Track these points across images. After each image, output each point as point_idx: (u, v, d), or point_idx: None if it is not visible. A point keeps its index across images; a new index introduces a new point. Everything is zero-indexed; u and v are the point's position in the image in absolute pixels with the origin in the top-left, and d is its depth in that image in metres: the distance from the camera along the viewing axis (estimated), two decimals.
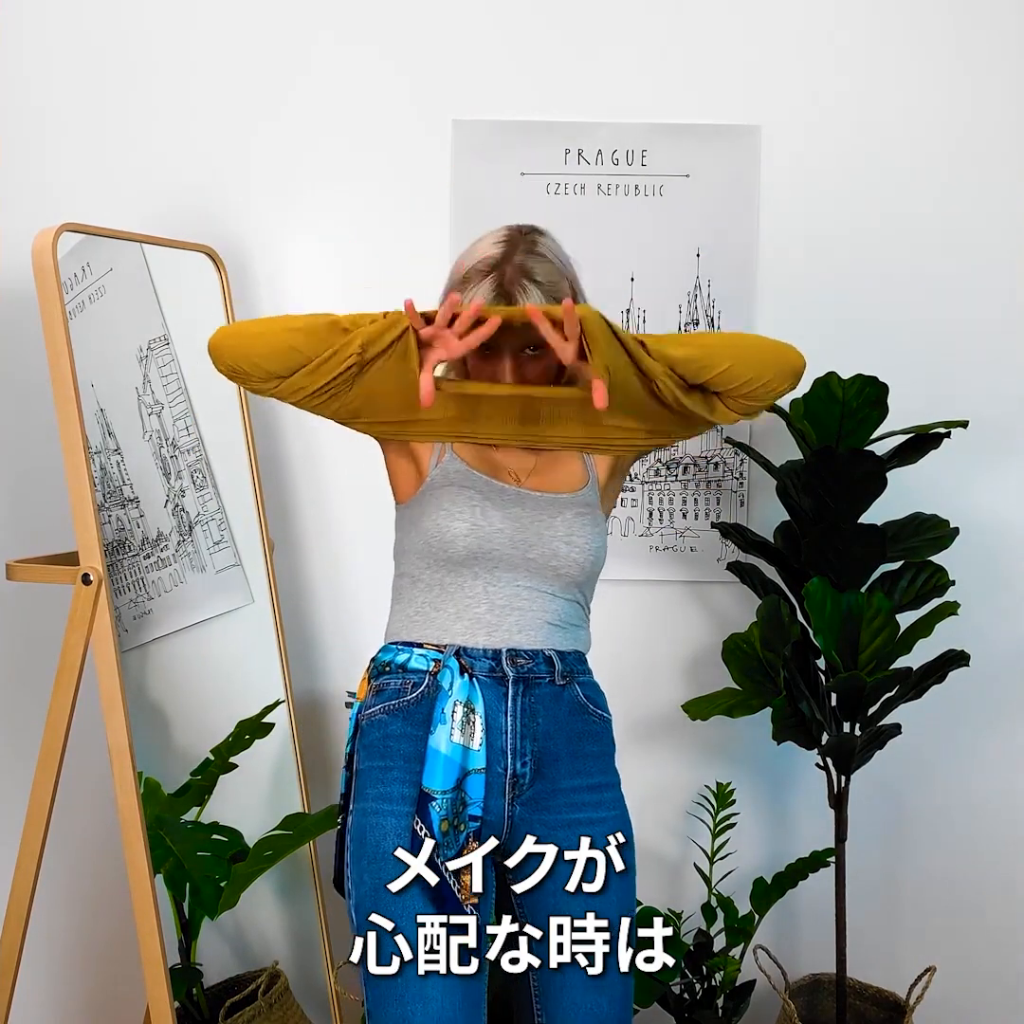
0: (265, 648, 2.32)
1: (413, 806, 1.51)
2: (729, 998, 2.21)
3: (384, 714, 1.57)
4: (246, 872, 2.06)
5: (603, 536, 1.64)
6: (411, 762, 1.53)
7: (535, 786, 1.56)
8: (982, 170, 2.32)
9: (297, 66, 2.33)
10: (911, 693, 2.08)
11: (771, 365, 1.55)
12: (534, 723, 1.56)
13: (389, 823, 1.52)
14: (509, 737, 1.54)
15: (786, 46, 2.31)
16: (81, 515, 1.86)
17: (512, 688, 1.55)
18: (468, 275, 1.55)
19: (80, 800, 2.25)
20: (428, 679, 1.55)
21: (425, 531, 1.58)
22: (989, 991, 2.46)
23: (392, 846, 1.50)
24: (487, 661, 1.55)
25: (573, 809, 1.57)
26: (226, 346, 1.52)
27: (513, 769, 1.54)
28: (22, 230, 1.98)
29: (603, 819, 1.58)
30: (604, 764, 1.62)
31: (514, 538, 1.57)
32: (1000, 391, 2.35)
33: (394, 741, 1.55)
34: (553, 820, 1.56)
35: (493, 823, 1.54)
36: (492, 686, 1.54)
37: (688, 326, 2.36)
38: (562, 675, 1.58)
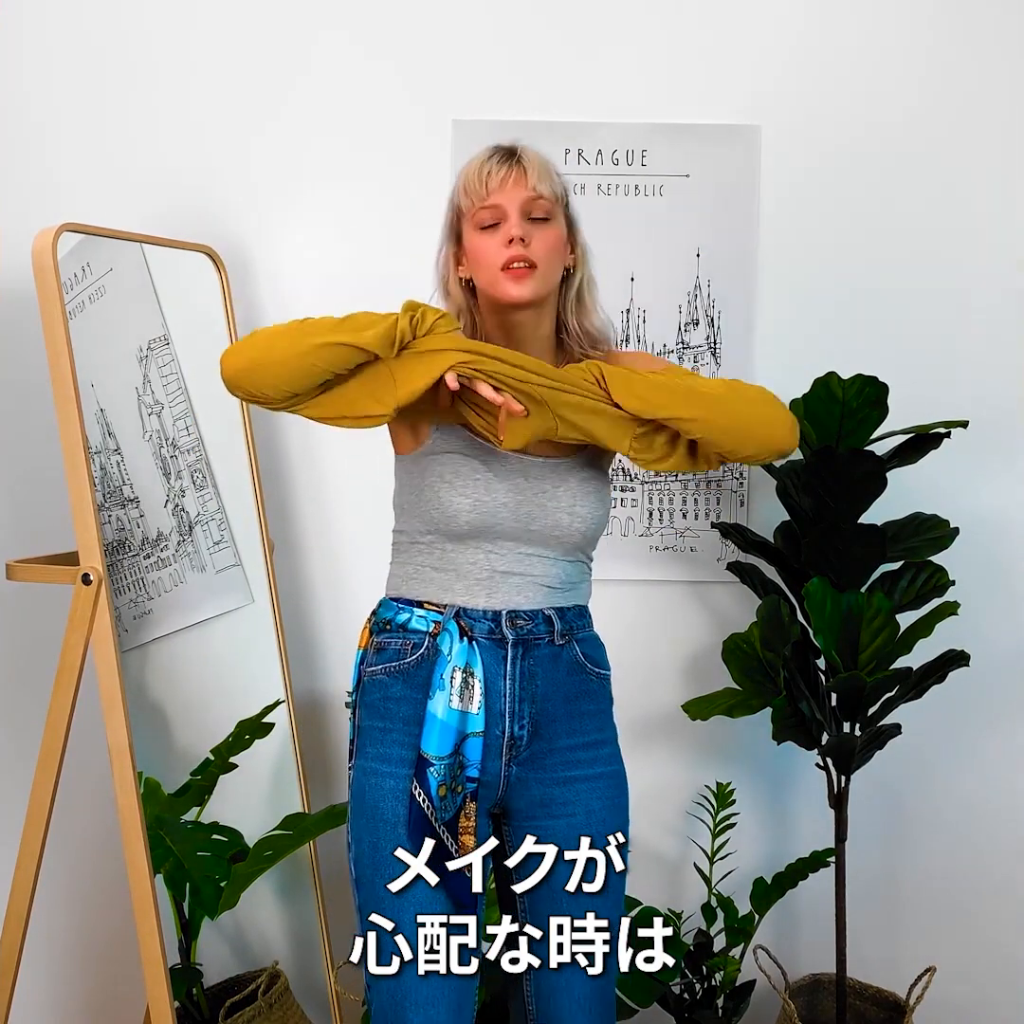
0: (265, 648, 2.32)
1: (411, 768, 1.53)
2: (729, 998, 2.21)
3: (385, 675, 1.58)
4: (246, 872, 2.06)
5: (606, 501, 1.64)
6: (410, 724, 1.55)
7: (532, 746, 1.58)
8: (982, 170, 2.32)
9: (297, 66, 2.33)
10: (911, 693, 2.08)
11: (755, 440, 1.56)
12: (532, 685, 1.57)
13: (387, 784, 1.55)
14: (508, 700, 1.56)
15: (786, 46, 2.31)
16: (81, 515, 1.86)
17: (511, 651, 1.56)
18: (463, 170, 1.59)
19: (80, 800, 2.25)
20: (428, 641, 1.56)
21: (426, 501, 1.57)
22: (989, 991, 2.46)
23: (390, 808, 1.54)
24: (487, 623, 1.56)
25: (569, 767, 1.60)
26: (242, 379, 1.48)
27: (511, 732, 1.56)
28: (22, 230, 1.98)
29: (599, 775, 1.62)
30: (600, 721, 1.64)
31: (517, 512, 1.56)
32: (999, 391, 2.35)
33: (394, 703, 1.57)
34: (549, 778, 1.59)
35: (490, 783, 1.57)
36: (491, 648, 1.55)
37: (688, 326, 2.36)
38: (561, 634, 1.59)
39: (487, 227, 1.55)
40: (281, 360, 1.45)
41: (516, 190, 1.54)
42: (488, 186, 1.54)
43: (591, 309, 1.66)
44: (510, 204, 1.54)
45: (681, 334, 2.36)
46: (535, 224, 1.55)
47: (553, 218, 1.57)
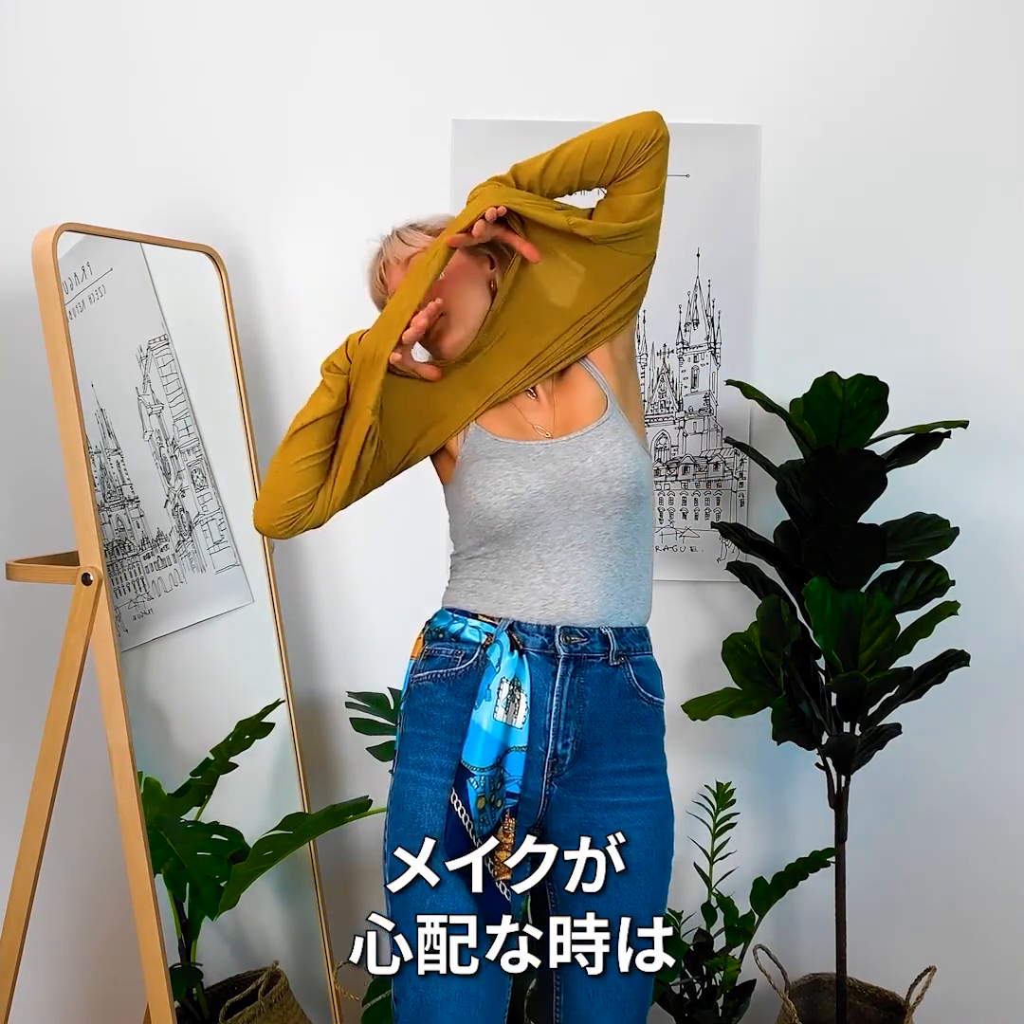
0: (265, 648, 2.32)
1: (451, 778, 1.52)
2: (729, 998, 2.21)
3: (431, 681, 1.57)
4: (246, 872, 2.05)
5: (638, 455, 1.59)
6: (452, 733, 1.54)
7: (575, 767, 1.56)
8: (982, 169, 2.32)
9: (298, 66, 2.33)
10: (911, 693, 2.08)
11: (626, 126, 1.64)
12: (580, 704, 1.55)
13: (425, 793, 1.53)
14: (553, 717, 1.54)
15: (786, 46, 2.31)
16: (81, 515, 1.86)
17: (562, 667, 1.53)
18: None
19: (80, 800, 2.25)
20: (479, 651, 1.55)
21: (467, 511, 1.58)
22: (989, 991, 2.46)
23: (427, 818, 1.52)
24: (540, 637, 1.54)
25: (612, 792, 1.57)
26: (265, 518, 1.58)
27: (554, 749, 1.54)
28: (22, 230, 1.98)
29: (643, 804, 1.59)
30: (650, 748, 1.62)
31: (554, 495, 1.55)
32: (1000, 391, 2.35)
33: (437, 710, 1.56)
34: (591, 802, 1.56)
35: (530, 800, 1.55)
36: (542, 663, 1.53)
37: (688, 326, 2.36)
38: (616, 655, 1.56)
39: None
40: (281, 485, 1.57)
41: (390, 269, 1.67)
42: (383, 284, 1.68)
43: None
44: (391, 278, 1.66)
45: (681, 334, 2.36)
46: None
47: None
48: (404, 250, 1.66)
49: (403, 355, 1.53)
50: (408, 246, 1.66)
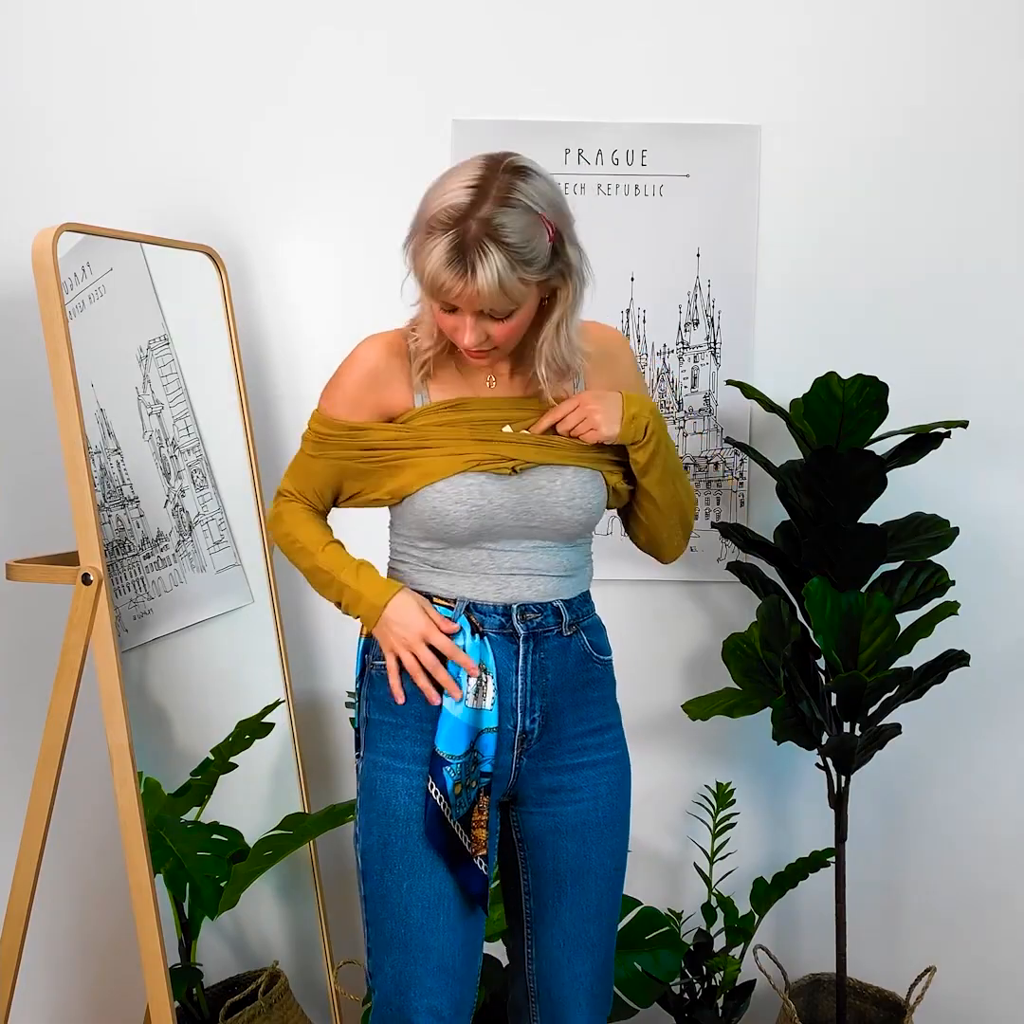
0: (265, 648, 2.32)
1: (425, 765, 1.54)
2: (729, 998, 2.21)
3: None
4: (246, 872, 2.06)
5: (602, 486, 1.60)
6: (423, 721, 1.56)
7: (542, 739, 1.59)
8: (982, 170, 2.32)
9: (297, 66, 2.33)
10: (911, 693, 2.08)
11: (663, 552, 1.74)
12: (543, 679, 1.58)
13: (400, 781, 1.56)
14: (519, 695, 1.57)
15: (786, 46, 2.31)
16: (81, 515, 1.86)
17: (523, 646, 1.56)
18: (431, 224, 1.41)
19: (80, 800, 2.25)
20: None
21: (420, 511, 1.55)
22: (989, 991, 2.46)
23: (402, 805, 1.55)
24: (497, 617, 1.56)
25: (576, 754, 1.62)
26: None
27: (523, 726, 1.57)
28: (22, 230, 1.98)
29: (605, 760, 1.64)
30: (605, 707, 1.66)
31: (515, 511, 1.55)
32: (1000, 391, 2.35)
33: (406, 699, 1.57)
34: (558, 766, 1.61)
35: (501, 776, 1.58)
36: (503, 644, 1.56)
37: (688, 326, 2.36)
38: (569, 625, 1.60)
39: (446, 309, 1.47)
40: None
41: (470, 303, 1.43)
42: (442, 296, 1.43)
43: (562, 343, 1.54)
44: (467, 308, 1.44)
45: (681, 334, 2.36)
46: (493, 320, 1.45)
47: (515, 312, 1.46)
48: (499, 301, 1.42)
49: None
50: (507, 297, 1.42)
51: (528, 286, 1.44)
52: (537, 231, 1.42)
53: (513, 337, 1.50)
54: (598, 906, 1.63)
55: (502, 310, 1.44)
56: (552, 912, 1.64)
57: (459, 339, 1.48)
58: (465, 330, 1.46)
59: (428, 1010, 1.55)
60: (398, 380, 1.58)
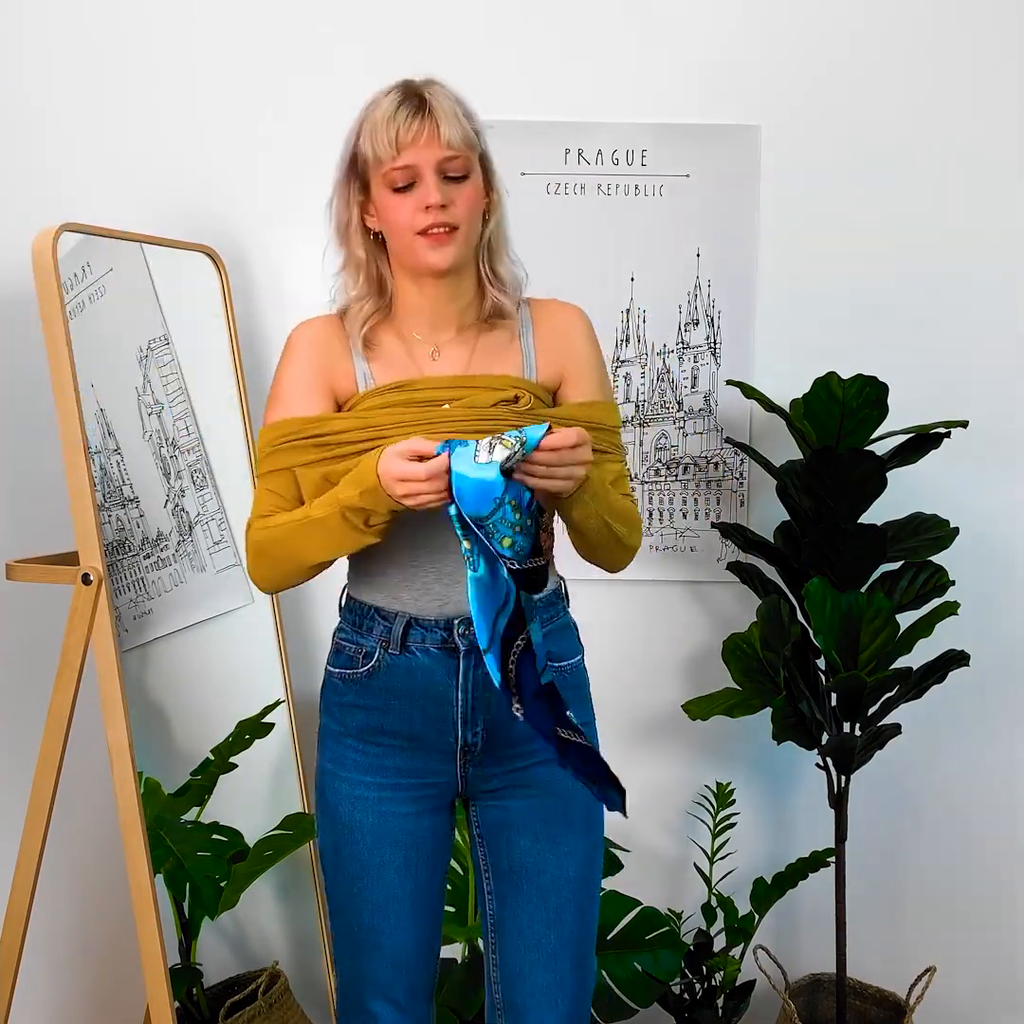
0: (265, 648, 2.32)
1: (365, 775, 1.54)
2: (729, 998, 2.21)
3: (339, 680, 1.57)
4: (246, 872, 2.06)
5: None
6: (364, 733, 1.55)
7: (487, 750, 1.55)
8: (982, 169, 2.32)
9: (298, 66, 2.33)
10: (911, 693, 2.08)
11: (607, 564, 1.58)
12: (486, 694, 1.51)
13: (343, 789, 1.57)
14: (460, 710, 1.53)
15: (786, 46, 2.31)
16: (81, 515, 1.86)
17: (463, 662, 1.51)
18: (366, 109, 1.49)
19: (80, 800, 2.24)
20: (378, 652, 1.53)
21: None
22: (989, 991, 2.46)
23: (346, 812, 1.55)
24: (439, 632, 1.51)
25: (525, 757, 1.55)
26: (270, 588, 1.57)
27: (464, 739, 1.54)
28: (22, 230, 1.98)
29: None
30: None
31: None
32: (1000, 391, 2.35)
33: (347, 711, 1.56)
34: (506, 770, 1.56)
35: (447, 783, 1.56)
36: (443, 659, 1.51)
37: (688, 326, 2.36)
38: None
39: (400, 188, 1.44)
40: (294, 574, 1.52)
41: (430, 149, 1.43)
42: (398, 145, 1.43)
43: (502, 252, 1.56)
44: (425, 164, 1.43)
45: (681, 334, 2.36)
46: (452, 183, 1.45)
47: (471, 172, 1.47)
48: (455, 135, 1.45)
49: None
50: (461, 131, 1.46)
51: (474, 148, 1.48)
52: (467, 111, 1.51)
53: (472, 208, 1.47)
54: (558, 912, 1.56)
55: (460, 155, 1.44)
56: (510, 912, 1.59)
57: (419, 217, 1.44)
58: (428, 192, 1.43)
59: (384, 999, 1.59)
60: (340, 356, 1.53)
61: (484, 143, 1.53)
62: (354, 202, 1.52)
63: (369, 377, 1.53)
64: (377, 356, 1.54)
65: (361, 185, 1.51)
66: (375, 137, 1.44)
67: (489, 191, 1.53)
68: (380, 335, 1.55)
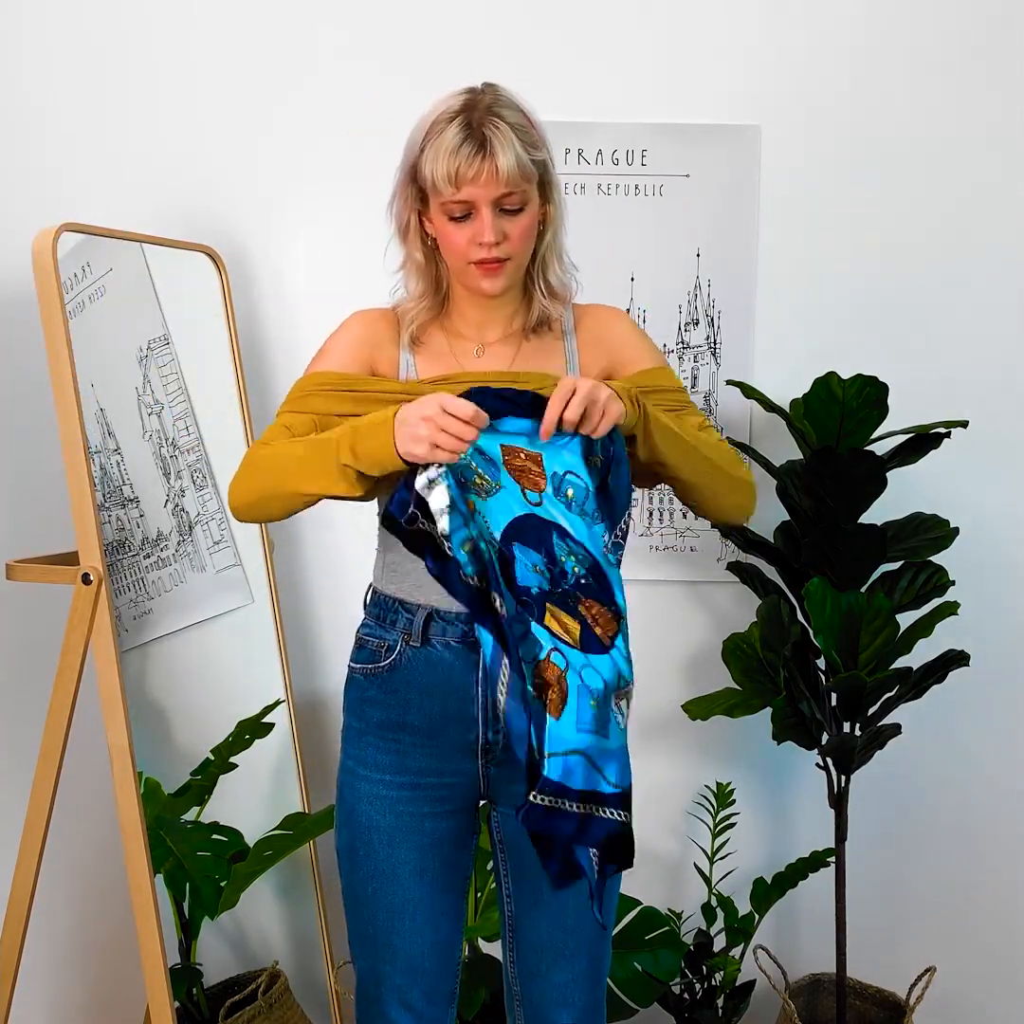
0: (265, 648, 2.32)
1: (384, 773, 1.54)
2: (729, 998, 2.21)
3: (361, 676, 1.58)
4: (246, 872, 2.06)
5: None
6: (384, 729, 1.55)
7: (508, 749, 1.53)
8: (982, 170, 2.32)
9: (298, 67, 2.33)
10: (911, 693, 2.08)
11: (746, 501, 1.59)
12: None
13: (363, 788, 1.56)
14: (480, 707, 1.53)
15: (786, 46, 2.31)
16: (81, 515, 1.86)
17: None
18: (431, 127, 1.49)
19: (80, 800, 2.24)
20: (400, 645, 1.54)
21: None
22: (989, 991, 2.46)
23: (364, 812, 1.55)
24: (460, 626, 1.51)
25: None
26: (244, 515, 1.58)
27: (484, 737, 1.54)
28: (22, 230, 1.98)
29: None
30: None
31: None
32: (1000, 391, 2.35)
33: (368, 706, 1.56)
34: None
35: (468, 784, 1.56)
36: (464, 654, 1.51)
37: (688, 326, 2.36)
38: None
39: (456, 217, 1.49)
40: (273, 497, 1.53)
41: (487, 188, 1.46)
42: (458, 181, 1.46)
43: (554, 263, 1.59)
44: (482, 201, 1.47)
45: (681, 334, 2.36)
46: (508, 215, 1.49)
47: (528, 203, 1.50)
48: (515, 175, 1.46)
49: None
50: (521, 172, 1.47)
51: (532, 179, 1.49)
52: (529, 124, 1.52)
53: (525, 240, 1.51)
54: (576, 919, 1.57)
55: (517, 191, 1.46)
56: (529, 919, 1.60)
57: (473, 250, 1.49)
58: (483, 229, 1.47)
59: (400, 1003, 1.59)
60: (388, 342, 1.59)
61: (547, 152, 1.55)
62: (413, 207, 1.56)
63: (412, 368, 1.58)
64: (423, 350, 1.59)
65: (420, 193, 1.54)
66: (435, 165, 1.47)
67: (547, 204, 1.56)
68: (429, 331, 1.60)
